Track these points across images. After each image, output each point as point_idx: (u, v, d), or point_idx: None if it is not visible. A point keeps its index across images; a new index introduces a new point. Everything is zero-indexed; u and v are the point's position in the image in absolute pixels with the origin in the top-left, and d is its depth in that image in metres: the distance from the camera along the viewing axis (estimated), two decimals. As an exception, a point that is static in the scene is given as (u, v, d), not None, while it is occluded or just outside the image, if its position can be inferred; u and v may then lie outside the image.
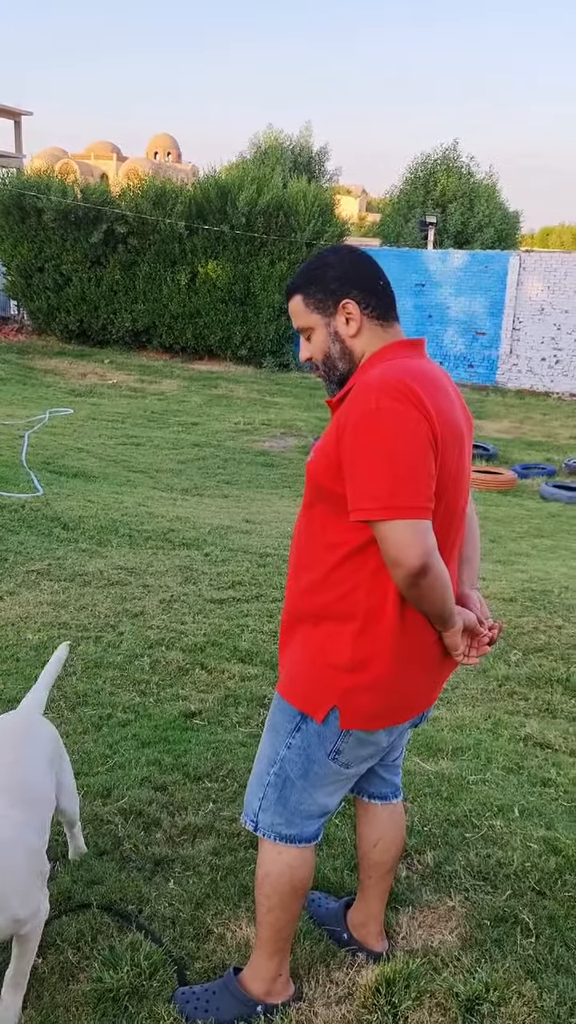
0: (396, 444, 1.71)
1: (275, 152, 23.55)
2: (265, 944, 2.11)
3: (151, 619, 4.95)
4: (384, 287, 1.96)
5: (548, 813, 3.01)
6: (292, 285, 1.98)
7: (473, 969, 2.25)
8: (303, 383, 18.13)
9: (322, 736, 1.94)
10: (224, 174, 19.82)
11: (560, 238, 49.09)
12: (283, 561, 6.32)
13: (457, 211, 21.38)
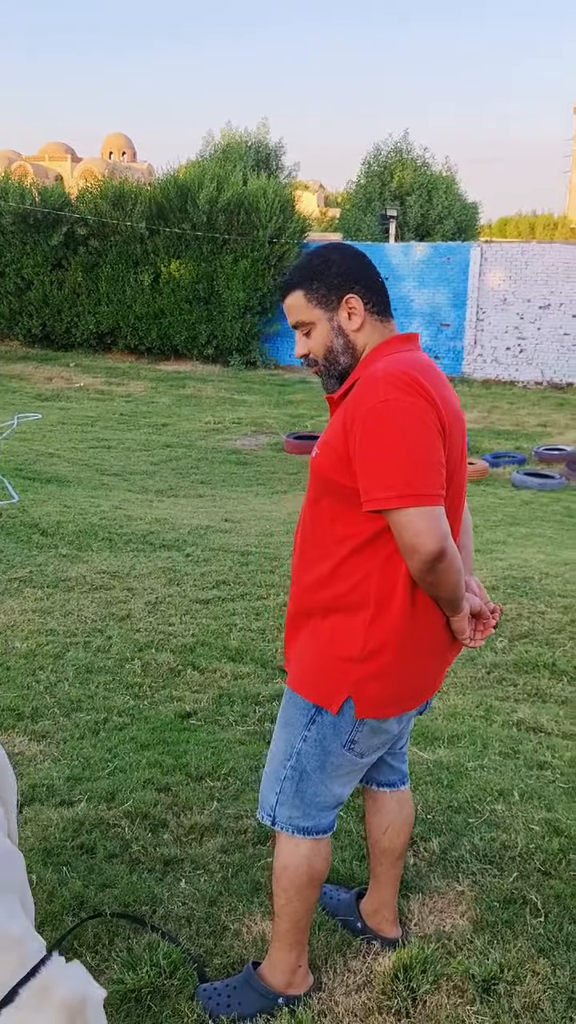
0: (408, 434, 1.75)
1: (235, 149, 23.49)
2: (284, 936, 2.14)
3: (138, 622, 4.95)
4: (382, 284, 2.00)
5: (547, 795, 3.08)
6: (291, 281, 2.00)
7: (486, 951, 2.30)
8: (271, 380, 18.15)
9: (337, 727, 1.97)
10: (183, 173, 19.75)
11: (517, 228, 49.48)
12: (265, 559, 6.35)
13: (416, 203, 21.50)
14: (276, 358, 19.71)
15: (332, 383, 2.01)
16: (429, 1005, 2.13)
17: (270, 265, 18.59)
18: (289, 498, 9.82)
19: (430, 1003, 2.14)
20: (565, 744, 3.56)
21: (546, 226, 49.35)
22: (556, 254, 17.96)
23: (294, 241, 18.73)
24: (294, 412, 15.59)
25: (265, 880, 2.60)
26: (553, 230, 48.52)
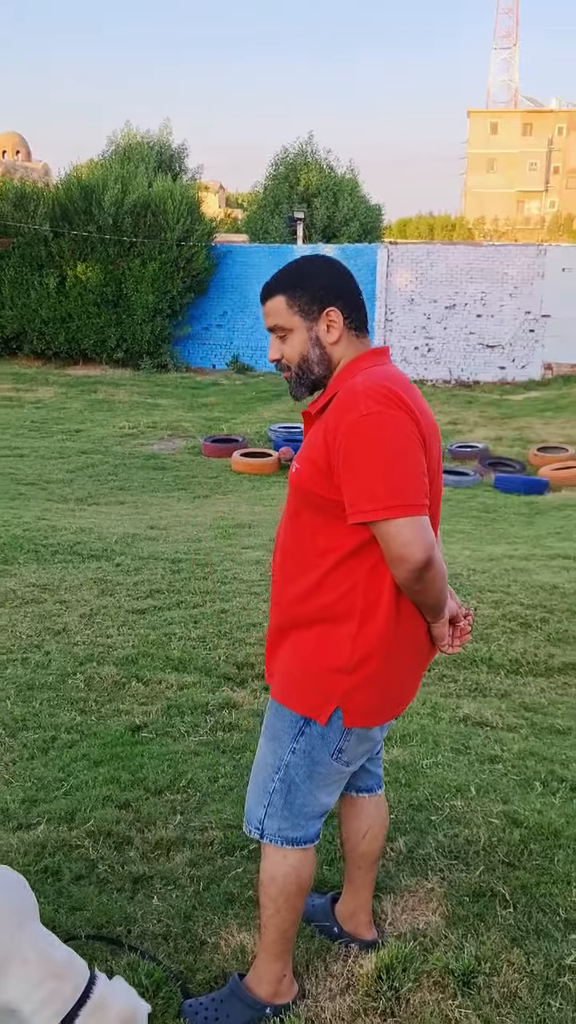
0: (391, 446, 1.79)
1: (137, 150, 23.23)
2: (271, 946, 2.15)
3: (75, 635, 4.87)
4: (362, 301, 2.04)
5: (502, 788, 3.17)
6: (274, 285, 2.01)
7: (461, 945, 2.36)
8: (183, 384, 18.07)
9: (325, 737, 1.99)
10: (84, 173, 19.45)
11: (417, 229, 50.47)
12: (197, 565, 6.33)
13: (322, 206, 21.71)
14: (188, 361, 19.63)
15: (301, 391, 2.04)
16: (413, 1003, 2.18)
17: (179, 268, 18.49)
18: (211, 503, 9.82)
19: (414, 1001, 2.19)
20: (511, 737, 3.68)
21: (444, 227, 50.52)
22: (460, 255, 18.43)
23: (202, 243, 18.68)
24: (209, 415, 15.57)
25: (238, 891, 2.61)
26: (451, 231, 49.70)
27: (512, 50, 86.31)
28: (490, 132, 72.81)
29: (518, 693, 4.26)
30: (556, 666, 4.59)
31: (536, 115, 73.91)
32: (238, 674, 4.39)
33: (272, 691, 2.09)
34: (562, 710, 4.06)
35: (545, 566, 6.41)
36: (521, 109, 76.10)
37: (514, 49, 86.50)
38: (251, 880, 2.65)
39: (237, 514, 8.83)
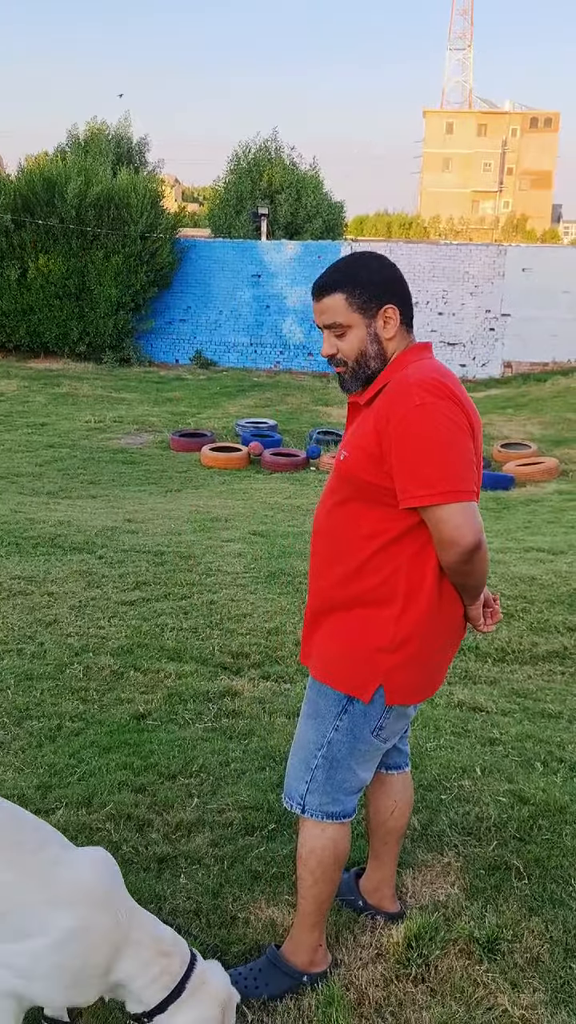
0: (444, 435, 1.89)
1: (95, 143, 23.05)
2: (307, 917, 2.24)
3: (67, 626, 4.90)
4: (410, 298, 2.12)
5: (505, 768, 3.30)
6: (332, 282, 2.06)
7: (482, 915, 2.48)
8: (147, 378, 18.00)
9: (368, 715, 2.08)
10: (43, 164, 19.22)
11: (375, 227, 50.87)
12: (180, 558, 6.38)
13: (286, 202, 21.78)
14: (150, 355, 19.56)
15: (356, 385, 2.11)
16: (442, 969, 2.29)
17: (143, 261, 18.40)
18: (185, 496, 9.84)
19: (442, 967, 2.29)
20: (507, 721, 3.81)
21: (401, 225, 50.96)
22: (422, 254, 18.65)
23: (166, 237, 18.62)
24: (175, 409, 15.55)
25: (262, 869, 2.69)
26: (408, 229, 50.16)
27: (467, 51, 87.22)
28: (446, 132, 73.53)
29: (507, 680, 4.40)
30: (540, 654, 4.75)
31: (491, 116, 74.84)
32: (234, 663, 4.47)
33: (313, 672, 2.17)
34: (550, 695, 4.20)
35: (521, 559, 6.58)
36: (476, 110, 76.95)
37: (469, 50, 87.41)
38: (274, 858, 2.74)
39: (212, 508, 8.88)
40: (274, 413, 15.39)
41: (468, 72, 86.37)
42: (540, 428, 14.74)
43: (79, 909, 1.84)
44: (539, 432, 14.43)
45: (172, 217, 19.22)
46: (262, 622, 5.06)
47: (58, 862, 1.92)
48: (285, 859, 2.73)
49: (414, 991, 2.22)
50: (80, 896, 1.86)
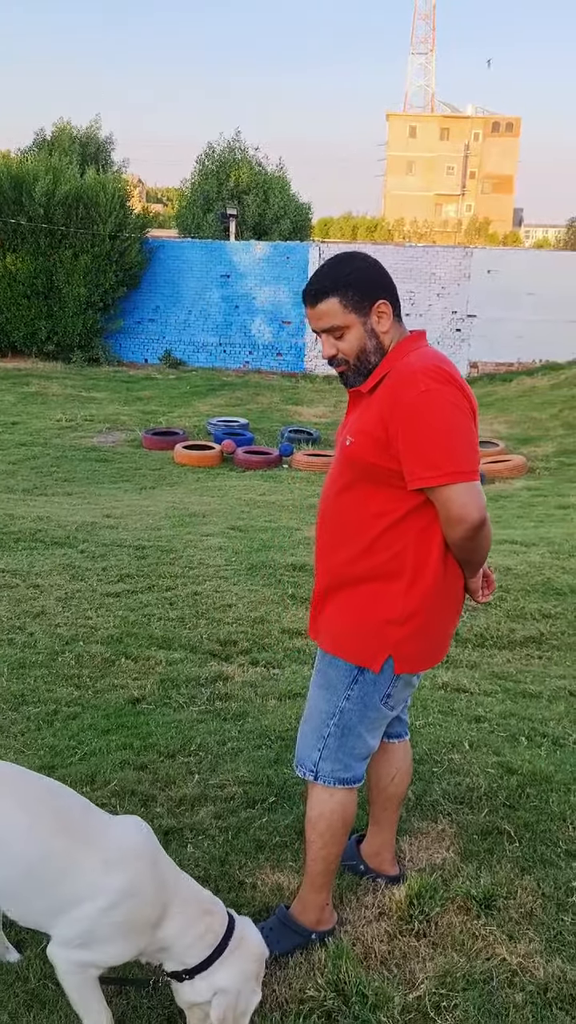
0: (449, 420, 2.01)
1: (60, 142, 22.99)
2: (316, 878, 2.35)
3: (55, 617, 4.97)
4: (396, 290, 2.23)
5: (492, 743, 3.45)
6: (324, 288, 2.16)
7: (477, 875, 2.61)
8: (117, 377, 17.99)
9: (377, 684, 2.21)
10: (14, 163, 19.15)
11: (340, 229, 51.19)
12: (161, 552, 6.46)
13: (254, 203, 21.89)
14: (119, 355, 19.55)
15: (359, 380, 2.21)
16: (442, 924, 2.42)
17: (112, 261, 18.40)
18: (159, 493, 9.90)
19: (442, 923, 2.42)
20: (490, 700, 3.96)
21: (367, 228, 51.31)
22: (390, 255, 18.86)
23: (136, 236, 18.64)
24: (145, 408, 15.58)
25: (265, 838, 2.80)
26: (373, 232, 50.52)
27: (429, 56, 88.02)
28: (409, 135, 74.15)
29: (487, 664, 4.55)
30: (517, 640, 4.91)
31: (453, 120, 75.63)
32: (222, 650, 4.57)
33: (323, 645, 2.28)
34: (529, 677, 4.36)
35: (495, 550, 6.74)
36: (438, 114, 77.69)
37: (431, 55, 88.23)
38: (276, 828, 2.86)
39: (188, 504, 8.96)
40: (245, 412, 15.48)
41: (431, 76, 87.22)
42: (507, 427, 15.00)
43: (129, 868, 1.94)
44: (506, 431, 14.69)
45: (141, 217, 19.24)
46: (247, 612, 5.17)
47: (104, 826, 2.02)
48: (287, 829, 2.85)
49: (417, 945, 2.35)
50: (129, 856, 1.96)
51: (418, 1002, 2.15)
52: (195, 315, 19.59)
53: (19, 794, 2.02)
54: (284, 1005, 2.15)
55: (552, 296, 18.57)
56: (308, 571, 6.09)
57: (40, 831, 1.95)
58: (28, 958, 2.27)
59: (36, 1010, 2.11)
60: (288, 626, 4.94)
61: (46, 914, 1.94)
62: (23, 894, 1.96)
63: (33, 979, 2.20)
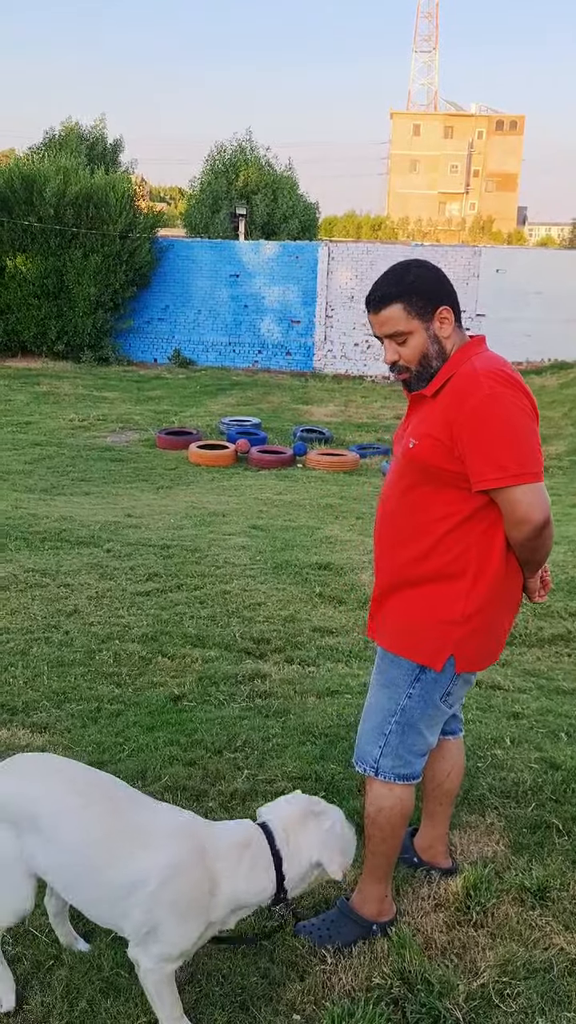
0: (514, 422, 2.07)
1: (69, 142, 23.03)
2: (376, 870, 2.41)
3: (88, 616, 5.03)
4: (457, 296, 2.28)
5: (533, 739, 3.51)
6: (388, 294, 2.22)
7: (529, 868, 2.67)
8: (127, 377, 18.05)
9: (438, 682, 2.26)
10: (24, 163, 19.22)
11: (344, 227, 51.20)
12: (187, 551, 6.52)
13: (262, 203, 21.95)
14: (129, 354, 19.61)
15: (423, 384, 2.26)
16: (498, 915, 2.48)
17: (121, 260, 18.46)
18: (176, 492, 9.96)
19: (498, 913, 2.48)
20: (525, 697, 4.02)
21: (371, 226, 51.31)
22: (399, 254, 18.88)
23: (146, 236, 18.70)
24: (157, 408, 15.63)
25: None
26: (377, 230, 50.53)
27: (432, 54, 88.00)
28: (412, 134, 74.12)
29: (518, 661, 4.61)
30: (546, 637, 4.97)
31: (457, 118, 75.59)
32: (256, 648, 4.63)
33: (384, 644, 2.33)
34: (561, 675, 4.42)
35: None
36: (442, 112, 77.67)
37: (434, 53, 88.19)
38: (328, 822, 2.91)
39: (206, 504, 9.02)
40: (255, 411, 15.53)
41: (434, 74, 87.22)
42: (517, 426, 15.04)
43: (171, 848, 2.00)
44: (517, 429, 14.73)
45: (151, 216, 19.29)
46: (277, 610, 5.23)
47: (146, 813, 2.09)
48: (339, 823, 2.90)
49: (476, 935, 2.41)
50: (168, 835, 2.03)
51: (482, 990, 2.21)
52: (204, 314, 19.65)
53: (75, 783, 2.11)
54: (352, 993, 2.21)
55: (560, 295, 18.62)
56: (333, 570, 6.16)
57: (92, 817, 2.03)
58: (100, 947, 2.33)
59: (112, 998, 2.17)
60: (319, 624, 5.00)
61: (109, 906, 2.01)
62: (82, 884, 2.03)
63: (107, 967, 2.26)
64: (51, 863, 2.04)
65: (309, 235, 22.95)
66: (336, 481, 10.97)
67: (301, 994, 2.21)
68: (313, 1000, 2.19)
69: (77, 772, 2.17)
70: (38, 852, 2.03)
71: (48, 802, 2.05)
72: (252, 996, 2.19)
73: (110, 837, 2.01)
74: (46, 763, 2.24)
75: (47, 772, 2.16)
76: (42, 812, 2.03)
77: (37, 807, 2.04)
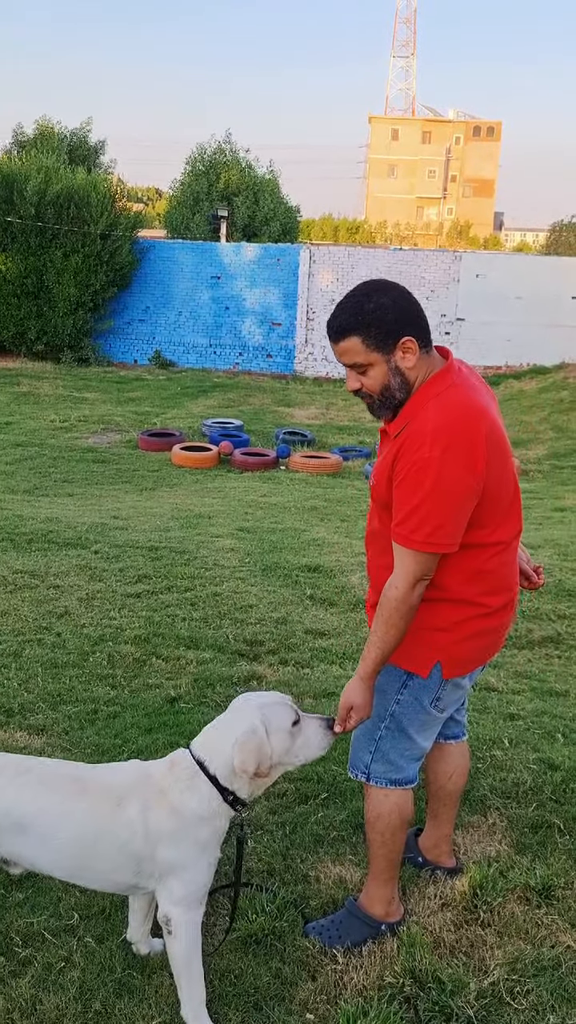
0: (439, 492, 2.04)
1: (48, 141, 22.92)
2: (380, 873, 2.43)
3: (79, 618, 5.01)
4: (426, 320, 2.19)
5: (530, 740, 3.54)
6: (346, 326, 2.12)
7: (532, 867, 2.70)
8: (108, 378, 17.98)
9: (426, 688, 2.29)
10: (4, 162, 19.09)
11: (322, 231, 51.32)
12: (175, 553, 6.51)
13: (243, 204, 21.95)
14: (109, 355, 19.54)
15: (384, 412, 2.23)
16: (504, 914, 2.51)
17: (102, 261, 18.39)
18: (161, 494, 9.94)
19: (505, 912, 2.51)
20: (520, 699, 4.06)
21: (348, 230, 51.45)
22: (380, 258, 19.00)
23: (127, 236, 18.64)
24: (138, 409, 15.59)
25: (323, 832, 2.88)
26: (355, 234, 50.68)
27: (410, 59, 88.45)
28: (391, 138, 74.46)
29: (509, 664, 4.65)
30: (536, 640, 5.01)
31: (435, 124, 76.06)
32: (250, 650, 4.63)
33: None
34: (552, 676, 4.47)
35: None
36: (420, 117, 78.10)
37: (412, 58, 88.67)
38: (332, 823, 2.93)
39: (191, 506, 9.01)
40: (237, 413, 15.54)
41: (412, 79, 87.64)
42: (497, 429, 15.15)
43: (137, 791, 2.11)
44: (497, 433, 14.84)
45: (133, 217, 19.23)
46: (269, 612, 5.24)
47: (108, 772, 2.21)
48: (343, 824, 2.92)
49: (483, 933, 2.44)
50: (132, 781, 2.15)
51: (493, 988, 2.23)
52: (185, 316, 19.62)
53: (43, 777, 2.14)
54: (364, 991, 2.22)
55: (540, 300, 18.79)
56: (323, 572, 6.18)
57: (69, 802, 2.08)
58: (111, 948, 2.33)
59: (126, 999, 2.18)
60: (311, 627, 5.01)
61: (123, 875, 2.08)
62: (90, 865, 2.09)
63: (119, 969, 2.26)
64: (48, 859, 2.09)
65: (290, 238, 23.00)
66: (319, 483, 11.00)
67: (313, 993, 2.23)
68: (326, 999, 2.21)
69: (33, 764, 2.20)
70: (26, 852, 2.08)
71: (27, 801, 2.08)
72: (265, 996, 2.20)
73: (89, 814, 2.08)
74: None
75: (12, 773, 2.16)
76: (22, 812, 2.06)
77: (18, 809, 2.07)
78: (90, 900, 2.50)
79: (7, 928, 2.40)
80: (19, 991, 2.19)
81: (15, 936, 2.37)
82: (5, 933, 2.39)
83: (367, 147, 76.86)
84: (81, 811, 2.07)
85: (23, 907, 2.49)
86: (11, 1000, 2.16)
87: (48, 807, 2.07)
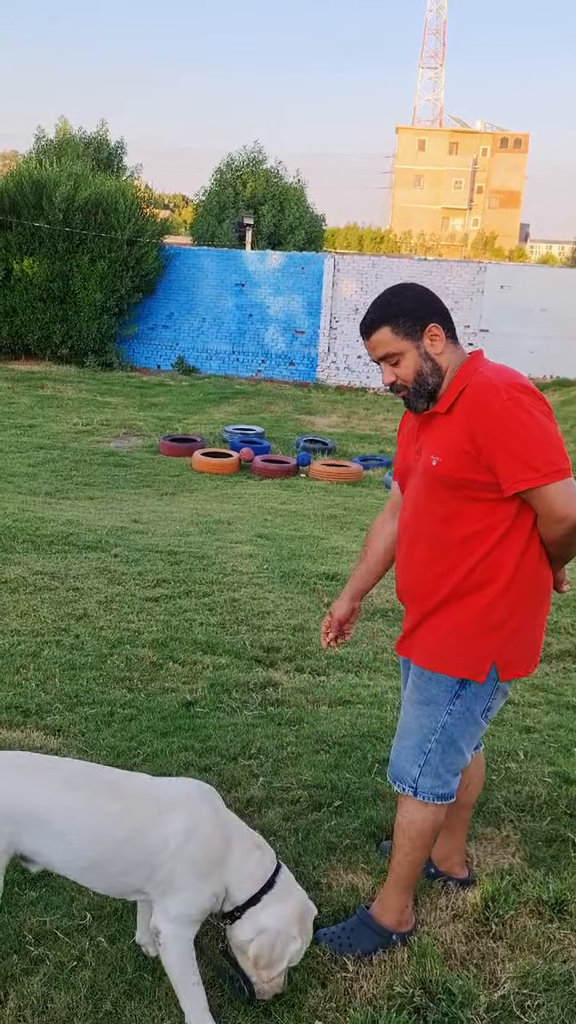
0: (539, 423, 2.10)
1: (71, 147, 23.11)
2: (400, 880, 2.43)
3: (97, 620, 5.04)
4: (449, 314, 2.29)
5: (545, 753, 3.52)
6: (375, 320, 2.25)
7: (545, 881, 2.69)
8: (130, 383, 18.09)
9: (479, 696, 2.28)
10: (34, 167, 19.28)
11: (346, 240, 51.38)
12: (194, 558, 6.54)
13: (269, 213, 22.06)
14: (132, 360, 19.65)
15: (421, 402, 2.28)
16: (516, 927, 2.49)
17: (128, 267, 18.53)
18: (181, 499, 9.98)
19: (516, 925, 2.50)
20: (536, 712, 4.04)
21: (373, 239, 51.48)
22: (404, 268, 19.01)
23: (153, 242, 18.77)
24: (160, 414, 15.67)
25: (336, 840, 2.88)
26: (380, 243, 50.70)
27: (439, 70, 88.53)
28: (418, 149, 74.52)
29: (527, 676, 4.63)
30: (554, 653, 4.99)
31: (462, 135, 76.04)
32: (267, 656, 4.65)
33: (421, 661, 2.33)
34: (570, 690, 4.44)
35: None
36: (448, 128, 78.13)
37: (440, 69, 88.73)
38: (345, 831, 2.93)
39: (211, 511, 9.04)
40: (258, 420, 15.57)
41: (439, 90, 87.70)
42: (519, 441, 15.09)
43: (186, 808, 2.11)
44: (518, 445, 14.78)
45: (159, 224, 19.36)
46: (286, 619, 5.25)
47: (153, 782, 2.21)
48: (356, 832, 2.92)
49: (495, 946, 2.43)
50: (183, 797, 2.15)
51: (503, 1001, 2.22)
52: (209, 323, 19.71)
53: (64, 775, 2.16)
54: (374, 1000, 2.22)
55: (565, 313, 18.71)
56: (340, 580, 6.18)
57: (94, 802, 2.09)
58: (122, 950, 2.34)
59: (136, 1000, 2.19)
60: (328, 634, 5.01)
61: (134, 878, 2.08)
62: (104, 865, 2.09)
63: (130, 970, 2.27)
64: (63, 854, 2.08)
65: (315, 246, 23.07)
66: (339, 492, 11.00)
67: (323, 1001, 2.22)
68: (335, 1007, 2.20)
69: (59, 763, 2.23)
70: (42, 847, 2.07)
71: (48, 797, 2.09)
72: (275, 1002, 2.20)
73: (120, 816, 2.09)
74: (25, 759, 2.24)
75: (33, 767, 2.18)
76: (41, 806, 2.07)
77: (37, 802, 2.07)
78: (103, 900, 2.51)
79: (20, 926, 2.42)
80: (31, 989, 2.20)
81: (28, 934, 2.39)
82: (18, 931, 2.40)
83: (394, 157, 77.01)
84: (114, 811, 2.09)
85: (36, 905, 2.50)
86: (23, 998, 2.18)
87: (75, 804, 2.08)
